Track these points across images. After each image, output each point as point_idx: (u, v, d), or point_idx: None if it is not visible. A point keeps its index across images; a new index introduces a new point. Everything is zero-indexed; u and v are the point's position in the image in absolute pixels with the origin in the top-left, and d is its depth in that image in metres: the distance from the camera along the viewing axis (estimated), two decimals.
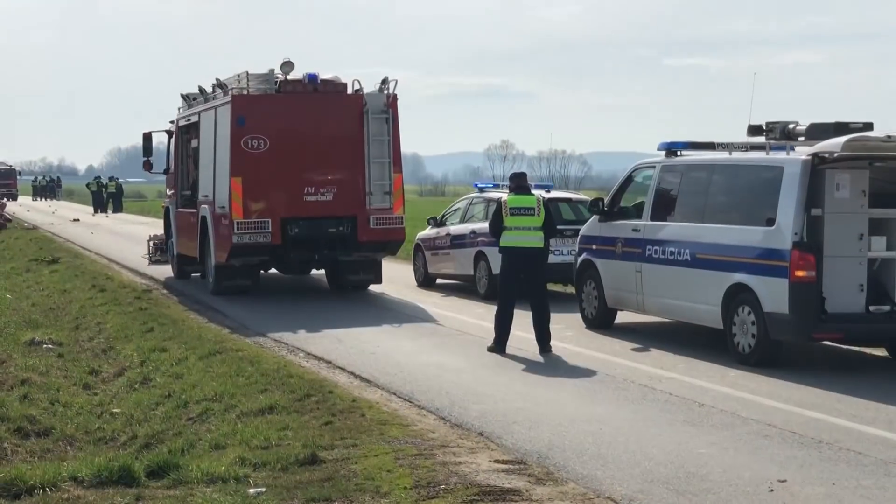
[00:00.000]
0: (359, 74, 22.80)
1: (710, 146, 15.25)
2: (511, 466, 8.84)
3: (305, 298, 21.00)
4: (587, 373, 13.05)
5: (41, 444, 11.85)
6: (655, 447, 9.42)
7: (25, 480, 8.37)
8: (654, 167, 15.70)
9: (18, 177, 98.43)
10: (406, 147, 21.09)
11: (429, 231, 23.24)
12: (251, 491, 8.27)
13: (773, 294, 12.99)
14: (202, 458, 9.74)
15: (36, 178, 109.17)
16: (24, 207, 71.68)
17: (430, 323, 17.54)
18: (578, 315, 16.94)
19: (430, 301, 20.34)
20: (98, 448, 11.69)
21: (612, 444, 9.57)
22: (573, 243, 18.48)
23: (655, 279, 15.09)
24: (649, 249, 15.21)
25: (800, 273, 12.79)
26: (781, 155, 13.66)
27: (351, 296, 21.18)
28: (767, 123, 14.75)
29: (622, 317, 16.68)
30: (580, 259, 16.95)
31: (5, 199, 56.31)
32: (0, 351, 16.53)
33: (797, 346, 13.99)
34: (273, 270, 22.75)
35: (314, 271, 23.47)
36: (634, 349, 14.66)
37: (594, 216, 16.81)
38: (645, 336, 15.68)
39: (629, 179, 16.51)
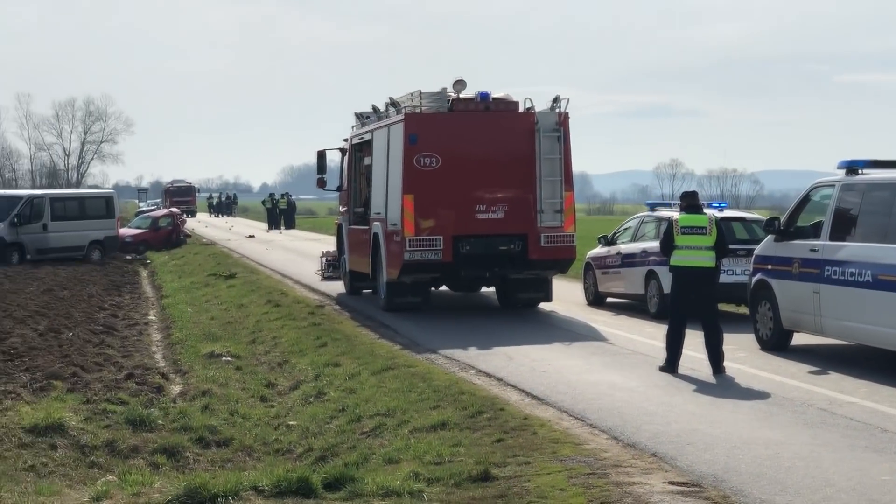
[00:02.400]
0: (528, 92, 22.93)
1: (893, 164, 14.80)
2: (686, 489, 8.72)
3: (475, 316, 21.10)
4: (762, 395, 12.79)
5: (221, 454, 12.19)
6: (836, 473, 9.17)
7: (209, 489, 8.61)
8: (834, 186, 15.31)
9: (197, 194, 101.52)
10: (574, 165, 21.04)
11: (599, 249, 23.13)
12: None
13: None
14: (377, 471, 9.87)
15: (211, 195, 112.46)
16: (202, 223, 73.93)
17: (601, 342, 17.44)
18: (752, 336, 16.63)
19: (601, 320, 20.22)
20: (275, 459, 11.97)
21: (790, 468, 9.35)
22: (746, 263, 18.17)
23: (835, 301, 14.70)
24: (828, 270, 14.84)
25: None
26: None
27: (521, 313, 21.20)
28: None
29: (798, 338, 16.30)
30: (754, 279, 16.64)
31: (185, 216, 58.01)
32: (182, 362, 17.07)
33: None
34: (443, 287, 22.95)
35: (484, 289, 23.58)
36: (812, 372, 14.30)
37: (769, 236, 16.49)
38: (822, 359, 15.28)
39: (807, 198, 16.14)
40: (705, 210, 15.55)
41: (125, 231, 45.15)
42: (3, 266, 34.07)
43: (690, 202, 15.04)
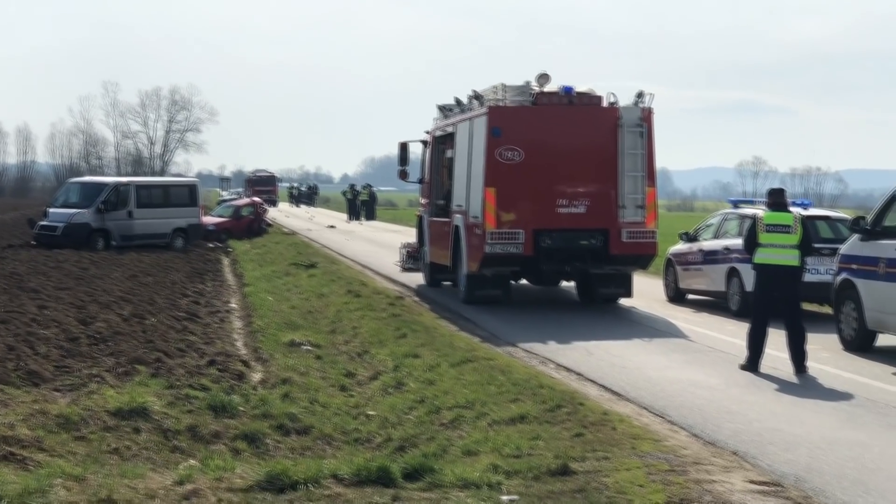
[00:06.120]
0: (611, 87, 22.87)
1: None
2: (767, 488, 8.64)
3: (555, 310, 21.08)
4: (845, 396, 12.64)
5: (301, 442, 12.28)
6: None
7: (290, 475, 8.69)
8: None
9: (278, 184, 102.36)
10: (656, 161, 20.90)
11: (680, 246, 22.98)
12: (504, 498, 8.36)
13: None
14: (455, 463, 9.90)
15: (292, 185, 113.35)
16: (283, 213, 74.56)
17: (681, 338, 17.34)
18: (835, 336, 16.43)
19: (681, 316, 20.10)
20: (355, 448, 12.05)
21: (874, 470, 9.23)
22: (830, 262, 17.96)
23: None
24: None
25: None
26: None
27: (601, 309, 21.14)
28: None
29: (882, 339, 16.07)
30: (839, 279, 16.43)
31: (266, 205, 58.52)
32: (263, 350, 17.24)
33: None
34: (523, 281, 22.94)
35: (564, 283, 23.54)
36: None
37: (855, 235, 16.27)
38: None
39: (894, 198, 15.89)
40: (791, 208, 15.38)
41: (208, 219, 45.62)
42: (89, 252, 34.65)
43: (777, 199, 14.89)
